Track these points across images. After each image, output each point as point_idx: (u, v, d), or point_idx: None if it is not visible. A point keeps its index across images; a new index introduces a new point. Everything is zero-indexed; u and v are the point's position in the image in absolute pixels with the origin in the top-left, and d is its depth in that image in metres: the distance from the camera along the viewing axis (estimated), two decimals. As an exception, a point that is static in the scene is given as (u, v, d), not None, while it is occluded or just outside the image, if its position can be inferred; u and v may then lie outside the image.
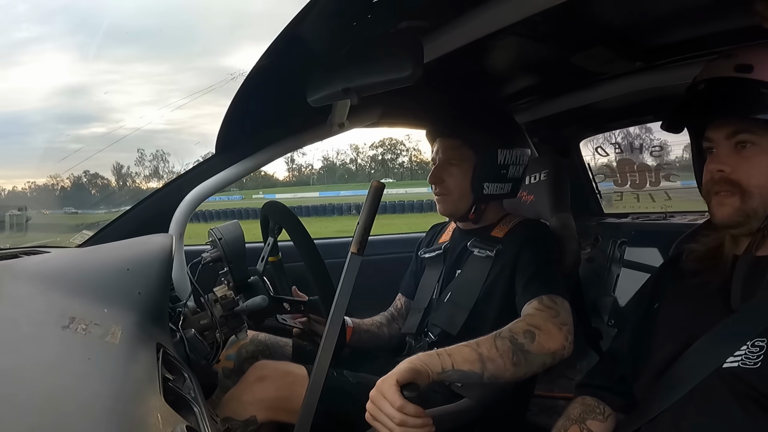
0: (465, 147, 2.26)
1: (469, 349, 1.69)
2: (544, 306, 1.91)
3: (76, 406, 0.89)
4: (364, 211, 1.58)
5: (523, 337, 1.77)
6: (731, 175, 1.38)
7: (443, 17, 1.65)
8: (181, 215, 2.25)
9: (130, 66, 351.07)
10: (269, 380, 2.02)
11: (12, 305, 1.19)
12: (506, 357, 1.72)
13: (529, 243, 2.14)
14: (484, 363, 1.68)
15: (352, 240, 1.58)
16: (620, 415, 1.59)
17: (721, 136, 1.41)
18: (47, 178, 29.20)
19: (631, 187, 3.42)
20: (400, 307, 2.66)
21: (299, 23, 1.42)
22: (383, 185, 1.63)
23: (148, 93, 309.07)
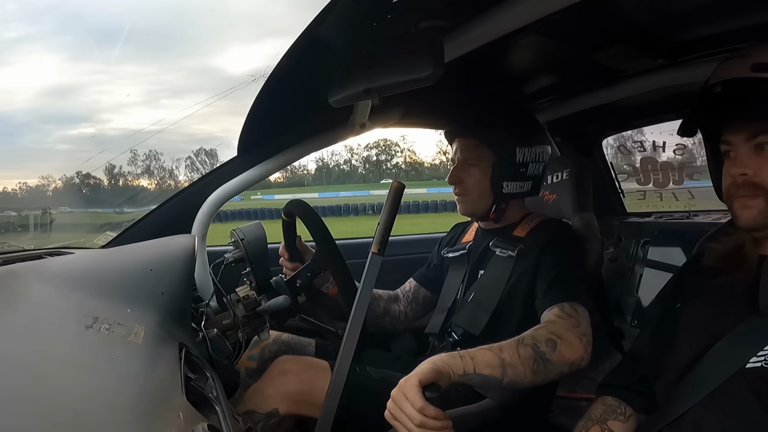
0: (483, 146, 2.25)
1: (492, 354, 1.68)
2: (565, 314, 1.90)
3: (99, 404, 0.90)
4: (385, 211, 1.58)
5: (545, 346, 1.75)
6: (754, 177, 1.35)
7: (463, 16, 1.65)
8: (203, 216, 2.26)
9: (119, 66, 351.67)
10: (292, 374, 2.03)
11: (36, 305, 1.20)
12: (527, 364, 1.71)
13: (551, 245, 2.12)
14: (504, 369, 1.67)
15: (372, 240, 1.58)
16: (642, 416, 1.57)
17: (740, 139, 1.38)
18: (39, 179, 29.63)
19: (654, 186, 3.39)
20: (408, 291, 2.64)
21: (319, 24, 1.42)
22: (403, 185, 1.63)
23: (137, 93, 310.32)
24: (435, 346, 2.37)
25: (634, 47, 2.08)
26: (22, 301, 1.19)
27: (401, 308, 2.60)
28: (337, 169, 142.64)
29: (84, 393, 0.91)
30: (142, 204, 4.34)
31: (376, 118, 2.28)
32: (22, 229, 2.95)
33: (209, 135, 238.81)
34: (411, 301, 2.61)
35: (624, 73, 2.43)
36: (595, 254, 2.40)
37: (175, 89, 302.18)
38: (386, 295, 2.60)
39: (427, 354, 2.36)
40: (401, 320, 2.60)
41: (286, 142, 2.32)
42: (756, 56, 1.35)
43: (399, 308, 2.60)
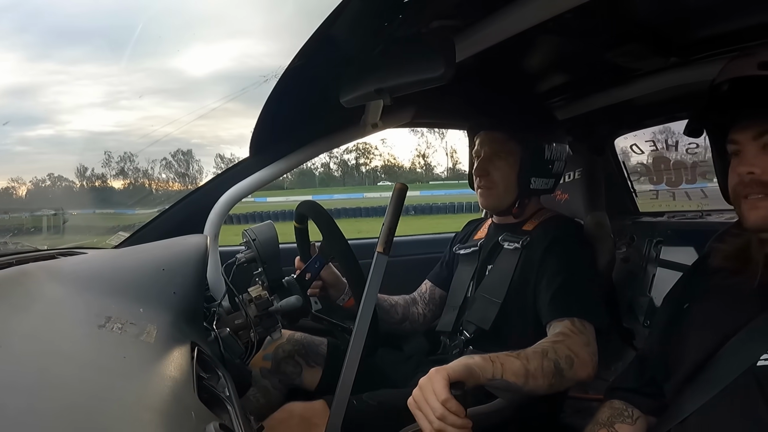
0: (511, 141, 2.25)
1: (519, 363, 1.68)
2: (577, 329, 1.91)
3: (111, 403, 0.90)
4: (389, 211, 1.60)
5: (564, 362, 1.77)
6: (762, 176, 1.34)
7: (474, 16, 1.65)
8: (215, 216, 2.27)
9: (78, 66, 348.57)
10: (294, 421, 2.02)
11: (50, 305, 1.21)
12: (547, 377, 1.72)
13: (558, 244, 2.12)
14: (527, 378, 1.68)
15: (377, 240, 1.59)
16: (651, 418, 1.57)
17: (748, 138, 1.37)
18: (7, 181, 29.66)
19: (666, 185, 3.38)
20: (425, 292, 2.64)
21: (331, 24, 1.43)
22: (406, 187, 1.65)
23: (98, 94, 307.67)
24: (447, 345, 2.37)
25: (646, 46, 2.07)
26: (35, 301, 1.20)
27: (419, 310, 2.60)
28: (316, 171, 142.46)
29: (96, 392, 0.92)
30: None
31: (388, 118, 2.29)
32: (35, 230, 2.97)
33: (170, 137, 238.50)
34: (428, 302, 2.61)
35: (636, 71, 2.42)
36: (608, 254, 2.39)
37: (136, 90, 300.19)
38: (403, 300, 2.60)
39: (439, 353, 2.37)
40: (420, 322, 2.59)
41: (298, 142, 2.33)
42: (763, 54, 1.35)
43: (417, 311, 2.60)
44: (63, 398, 0.86)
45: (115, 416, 0.87)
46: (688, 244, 2.94)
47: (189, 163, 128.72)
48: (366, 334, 1.59)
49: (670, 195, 3.41)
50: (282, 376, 2.32)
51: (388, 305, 2.52)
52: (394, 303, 2.54)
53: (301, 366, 2.34)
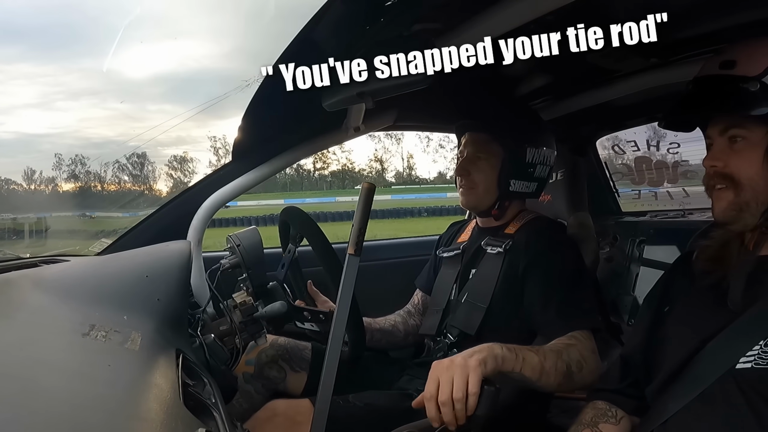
0: (494, 142, 2.27)
1: (537, 359, 1.69)
2: (584, 337, 1.93)
3: (96, 412, 0.89)
4: (358, 212, 1.59)
5: (576, 366, 1.79)
6: (724, 169, 1.40)
7: (456, 19, 1.65)
8: (198, 222, 2.26)
9: (12, 66, 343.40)
10: (279, 419, 2.02)
11: (32, 314, 1.20)
12: (558, 377, 1.74)
13: (544, 251, 2.13)
14: (541, 376, 1.69)
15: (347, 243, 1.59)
16: (634, 418, 1.58)
17: (716, 133, 1.42)
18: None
19: (648, 185, 3.40)
20: (418, 303, 2.64)
21: (313, 27, 1.43)
22: (374, 186, 1.64)
23: (33, 95, 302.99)
24: (431, 348, 2.37)
25: (627, 47, 2.08)
26: (18, 310, 1.19)
27: (417, 321, 2.60)
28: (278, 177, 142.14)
29: (81, 401, 0.91)
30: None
31: (370, 122, 2.28)
32: (17, 237, 2.94)
33: (106, 139, 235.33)
34: (423, 312, 2.61)
35: (617, 72, 2.43)
36: (591, 254, 2.41)
37: (72, 91, 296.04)
38: (401, 318, 2.60)
39: (424, 356, 2.37)
40: (419, 333, 2.59)
41: (280, 146, 2.32)
42: (728, 54, 1.41)
43: (415, 322, 2.60)
44: (47, 408, 0.85)
45: (100, 425, 0.87)
46: (671, 242, 2.96)
47: (143, 165, 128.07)
48: (342, 334, 1.58)
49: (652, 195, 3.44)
50: (265, 381, 2.31)
51: (390, 326, 2.53)
52: (393, 323, 2.55)
53: (285, 371, 2.34)
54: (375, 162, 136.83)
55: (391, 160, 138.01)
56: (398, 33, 1.59)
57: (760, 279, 1.37)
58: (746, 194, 1.37)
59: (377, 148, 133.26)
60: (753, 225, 1.40)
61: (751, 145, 1.37)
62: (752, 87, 1.34)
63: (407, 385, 2.26)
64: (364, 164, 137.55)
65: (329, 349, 1.57)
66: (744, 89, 1.35)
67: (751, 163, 1.37)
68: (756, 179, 1.36)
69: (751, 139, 1.36)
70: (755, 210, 1.38)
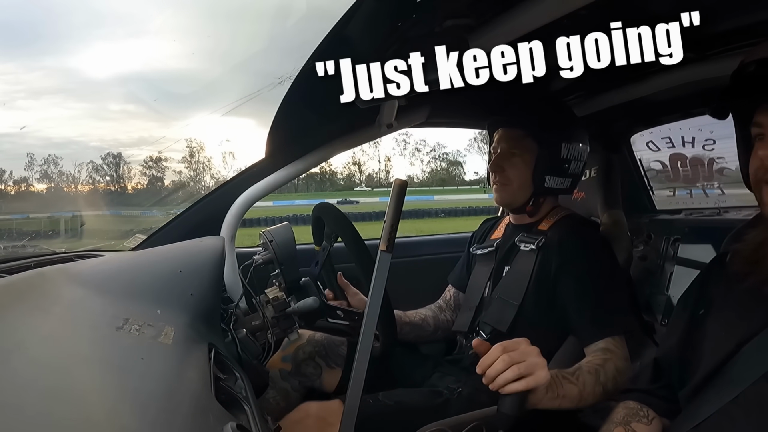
0: (528, 138, 2.25)
1: (577, 391, 1.73)
2: (617, 344, 1.94)
3: (129, 404, 0.91)
4: (390, 208, 1.59)
5: (611, 384, 1.82)
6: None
7: (488, 14, 1.64)
8: (232, 218, 2.28)
9: None
10: (310, 420, 2.03)
11: (68, 308, 1.22)
12: (595, 399, 1.78)
13: (577, 252, 2.12)
14: (579, 403, 1.75)
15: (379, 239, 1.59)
16: (665, 421, 1.55)
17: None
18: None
19: (683, 182, 3.36)
20: (449, 299, 2.63)
21: (345, 25, 1.43)
22: (406, 182, 1.64)
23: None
24: (463, 345, 2.37)
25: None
26: (54, 303, 1.20)
27: (448, 317, 2.59)
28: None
29: (115, 393, 0.92)
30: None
31: (402, 118, 2.28)
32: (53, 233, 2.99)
33: (67, 139, 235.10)
34: (455, 308, 2.60)
35: (651, 68, 2.40)
36: (625, 252, 2.38)
37: (33, 90, 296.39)
38: (431, 312, 2.59)
39: (455, 353, 2.37)
40: (450, 329, 2.58)
41: (313, 143, 2.33)
42: None
43: (446, 317, 2.59)
44: (82, 400, 0.86)
45: (133, 418, 0.88)
46: (706, 241, 2.92)
47: (119, 165, 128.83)
48: (373, 330, 1.58)
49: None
50: (302, 378, 2.31)
51: (419, 320, 2.51)
52: (423, 316, 2.54)
53: (321, 367, 2.34)
54: (353, 165, 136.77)
55: (368, 163, 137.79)
56: (430, 29, 1.59)
57: None
58: None
59: (354, 151, 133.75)
60: None
61: None
62: None
63: (438, 382, 2.26)
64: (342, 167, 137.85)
65: (360, 345, 1.57)
66: None
67: None
68: None
69: None
70: None
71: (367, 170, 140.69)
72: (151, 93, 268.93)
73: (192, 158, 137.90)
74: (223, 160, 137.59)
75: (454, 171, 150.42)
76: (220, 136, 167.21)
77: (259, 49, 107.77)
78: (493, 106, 2.45)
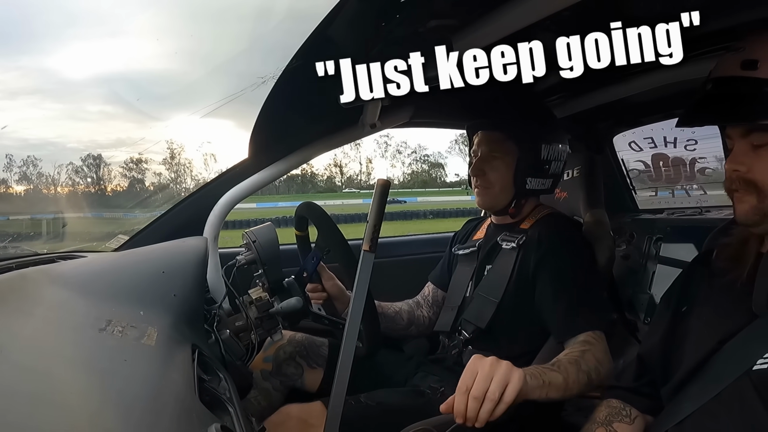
0: (509, 140, 2.25)
1: (562, 379, 1.71)
2: (595, 338, 1.93)
3: (113, 407, 0.90)
4: (373, 209, 1.59)
5: (594, 373, 1.81)
6: (747, 174, 1.34)
7: (472, 14, 1.64)
8: (215, 218, 2.27)
9: None
10: (292, 423, 2.03)
11: (50, 309, 1.21)
12: (579, 387, 1.76)
13: (556, 249, 2.13)
14: (565, 392, 1.72)
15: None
16: (648, 418, 1.57)
17: (737, 134, 1.36)
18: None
19: (666, 182, 3.39)
20: (428, 295, 2.63)
21: (329, 24, 1.43)
22: (389, 182, 1.64)
23: None
24: (446, 345, 2.37)
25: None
26: (36, 305, 1.20)
27: (424, 313, 2.59)
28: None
29: (98, 395, 0.92)
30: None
31: (386, 118, 2.28)
32: (35, 235, 2.97)
33: (44, 141, 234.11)
34: (432, 304, 2.60)
35: (634, 69, 2.41)
36: (607, 251, 2.39)
37: (9, 90, 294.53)
38: (407, 306, 2.59)
39: (438, 352, 2.38)
40: (426, 325, 2.58)
41: (296, 143, 2.32)
42: (748, 51, 1.34)
43: (422, 314, 2.59)
44: (65, 402, 0.86)
45: (116, 420, 0.87)
46: (688, 240, 2.94)
47: (99, 166, 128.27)
48: (357, 332, 1.59)
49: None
50: (283, 378, 2.31)
51: (393, 312, 2.51)
52: (398, 309, 2.54)
53: (303, 367, 2.34)
54: (334, 167, 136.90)
55: (350, 164, 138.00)
56: (414, 29, 1.59)
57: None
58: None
59: (336, 153, 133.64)
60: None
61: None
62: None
63: (421, 381, 2.26)
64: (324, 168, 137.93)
65: (344, 345, 1.57)
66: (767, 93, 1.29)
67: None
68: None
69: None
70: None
71: (348, 172, 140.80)
72: (131, 93, 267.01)
73: (173, 160, 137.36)
74: (204, 162, 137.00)
75: (435, 173, 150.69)
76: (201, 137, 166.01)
77: (241, 49, 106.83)
78: (473, 109, 2.45)
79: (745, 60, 1.33)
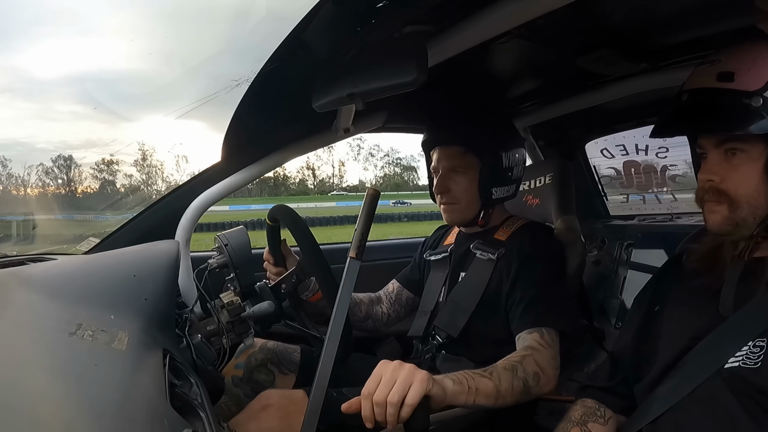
0: (468, 154, 2.25)
1: (492, 385, 1.70)
2: (545, 342, 1.94)
3: (83, 412, 0.89)
4: (362, 217, 1.59)
5: (532, 380, 1.80)
6: (720, 184, 1.37)
7: (447, 21, 1.65)
8: (187, 222, 2.25)
9: None
10: (272, 409, 2.01)
11: (19, 312, 1.19)
12: (515, 396, 1.76)
13: (533, 256, 2.14)
14: (497, 399, 1.71)
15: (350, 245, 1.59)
16: (621, 417, 1.59)
17: (711, 145, 1.39)
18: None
19: (637, 189, 3.42)
20: (391, 292, 2.64)
21: (304, 28, 1.42)
22: (378, 192, 1.64)
23: None
24: (419, 350, 2.37)
25: (617, 52, 2.09)
26: (5, 308, 1.18)
27: (384, 310, 2.60)
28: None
29: (68, 401, 0.91)
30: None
31: (359, 123, 2.28)
32: (4, 237, 2.93)
33: (13, 141, 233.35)
34: (394, 302, 2.61)
35: (607, 77, 2.43)
36: (578, 257, 2.41)
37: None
38: (367, 298, 2.59)
39: (412, 357, 2.38)
40: (384, 322, 2.59)
41: (269, 146, 2.31)
42: (723, 63, 1.36)
43: (381, 310, 2.60)
44: (33, 407, 0.85)
45: (86, 425, 0.87)
46: (659, 246, 2.98)
47: (70, 168, 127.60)
48: (340, 337, 1.58)
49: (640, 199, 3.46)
50: (254, 385, 2.30)
51: (352, 303, 2.49)
52: (357, 301, 2.54)
53: (274, 374, 2.33)
54: (307, 170, 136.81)
55: (322, 167, 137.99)
56: (389, 35, 1.59)
57: (751, 281, 1.37)
58: (742, 211, 1.35)
59: (308, 155, 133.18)
60: (748, 235, 1.39)
61: (750, 159, 1.34)
62: (755, 103, 1.30)
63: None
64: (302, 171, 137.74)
65: (326, 347, 1.56)
66: (745, 105, 1.31)
67: (749, 179, 1.34)
68: (754, 195, 1.34)
69: (750, 154, 1.33)
70: (751, 224, 1.36)
71: (320, 175, 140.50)
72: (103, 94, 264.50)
73: (144, 161, 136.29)
74: (176, 164, 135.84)
75: (408, 176, 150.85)
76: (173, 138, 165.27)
77: (216, 51, 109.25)
78: (432, 121, 2.44)
79: (721, 72, 1.35)
